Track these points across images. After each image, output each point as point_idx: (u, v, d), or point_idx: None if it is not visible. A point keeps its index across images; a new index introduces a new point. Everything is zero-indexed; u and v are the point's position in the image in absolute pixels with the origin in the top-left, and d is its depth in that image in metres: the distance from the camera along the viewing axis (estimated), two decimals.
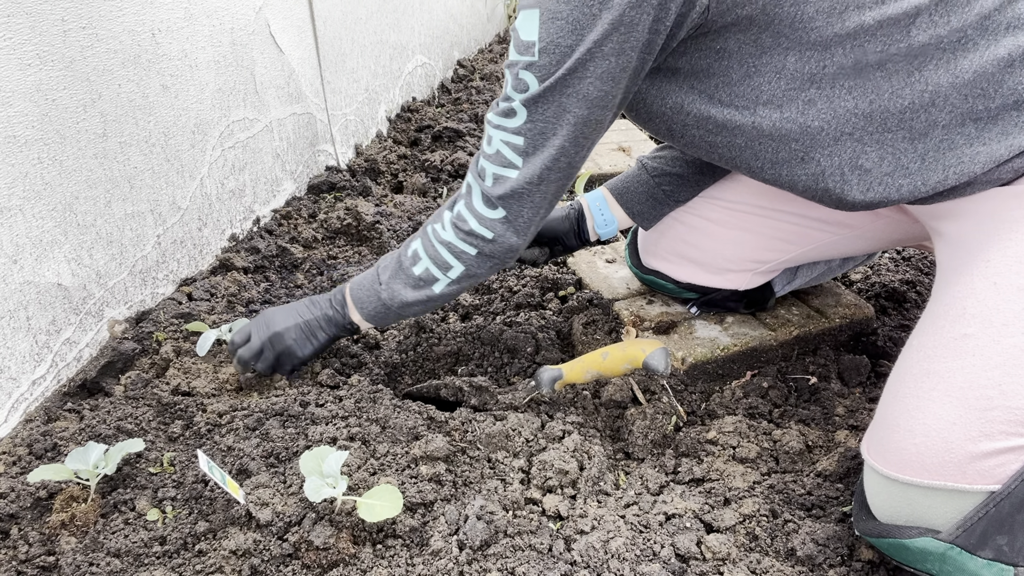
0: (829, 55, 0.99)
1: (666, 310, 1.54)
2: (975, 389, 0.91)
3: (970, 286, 0.98)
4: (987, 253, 0.99)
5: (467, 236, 1.19)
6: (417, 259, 1.25)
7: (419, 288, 1.26)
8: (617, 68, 1.02)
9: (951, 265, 1.06)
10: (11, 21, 1.20)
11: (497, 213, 1.16)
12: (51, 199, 1.32)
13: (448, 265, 1.22)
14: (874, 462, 0.97)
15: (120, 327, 1.51)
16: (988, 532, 0.87)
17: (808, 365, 1.46)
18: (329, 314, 1.37)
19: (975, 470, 0.88)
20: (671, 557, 1.02)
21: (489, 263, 1.22)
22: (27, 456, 1.20)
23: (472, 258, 1.20)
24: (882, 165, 1.05)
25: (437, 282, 1.24)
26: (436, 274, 1.23)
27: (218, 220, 1.83)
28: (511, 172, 1.12)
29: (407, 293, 1.26)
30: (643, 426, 1.28)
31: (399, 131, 2.84)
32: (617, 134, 2.78)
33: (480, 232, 1.18)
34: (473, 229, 1.18)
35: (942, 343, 0.97)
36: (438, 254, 1.22)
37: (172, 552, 1.05)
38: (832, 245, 1.40)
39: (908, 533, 0.92)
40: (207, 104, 1.75)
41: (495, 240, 1.18)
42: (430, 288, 1.25)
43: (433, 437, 1.18)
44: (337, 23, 2.39)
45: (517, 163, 1.11)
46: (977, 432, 0.89)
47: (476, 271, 1.22)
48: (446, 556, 1.01)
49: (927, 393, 0.94)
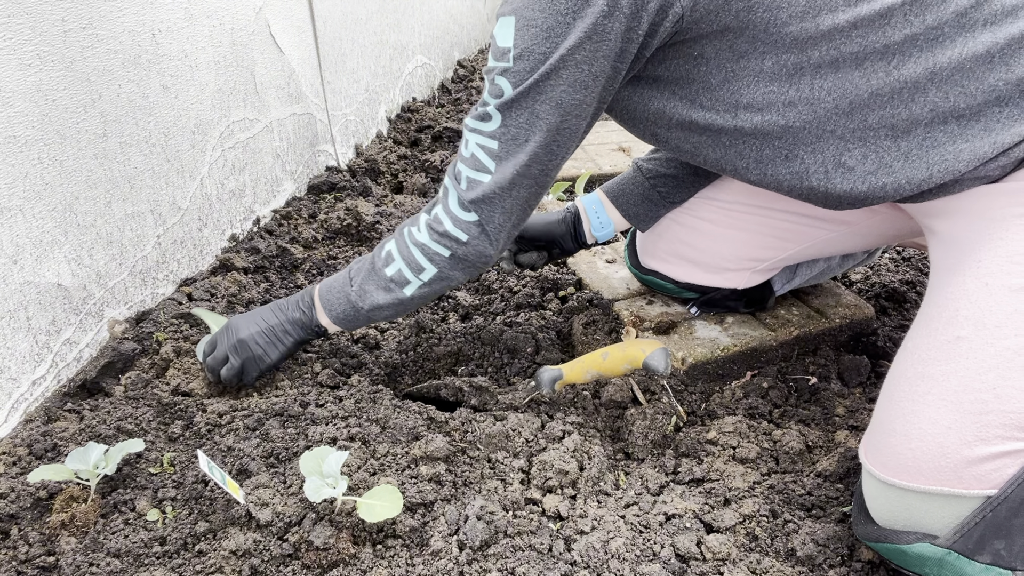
0: (806, 57, 1.00)
1: (666, 310, 1.54)
2: (970, 393, 0.90)
3: (962, 287, 0.98)
4: (978, 253, 0.99)
5: (441, 238, 1.18)
6: (390, 260, 1.24)
7: (390, 291, 1.25)
8: (590, 76, 1.03)
9: (944, 265, 1.06)
10: (11, 21, 1.20)
11: (471, 216, 1.15)
12: (51, 199, 1.32)
13: (421, 267, 1.21)
14: (871, 467, 0.97)
15: (120, 327, 1.51)
16: (985, 537, 0.87)
17: (808, 365, 1.46)
18: (295, 316, 1.36)
19: (971, 475, 0.88)
20: (671, 557, 1.02)
21: (461, 266, 1.21)
22: (27, 456, 1.20)
23: (445, 260, 1.20)
24: (865, 163, 1.05)
25: (408, 284, 1.23)
26: (408, 276, 1.23)
27: (218, 220, 1.84)
28: (484, 176, 1.12)
29: (378, 295, 1.26)
30: (643, 426, 1.28)
31: (399, 131, 2.84)
32: (617, 134, 2.78)
33: (454, 234, 1.17)
34: (448, 231, 1.17)
35: (936, 346, 0.97)
36: (412, 256, 1.21)
37: (172, 552, 1.05)
38: (829, 242, 1.40)
39: (906, 538, 0.92)
40: (207, 104, 1.75)
41: (468, 243, 1.17)
42: (401, 291, 1.24)
43: (433, 437, 1.18)
44: (337, 23, 2.39)
45: (490, 167, 1.11)
46: (973, 436, 0.89)
47: (448, 274, 1.22)
48: (446, 556, 1.01)
49: (922, 397, 0.94)
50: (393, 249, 1.24)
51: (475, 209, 1.14)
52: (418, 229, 1.22)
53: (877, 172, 1.05)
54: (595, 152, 2.61)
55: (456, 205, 1.16)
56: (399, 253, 1.23)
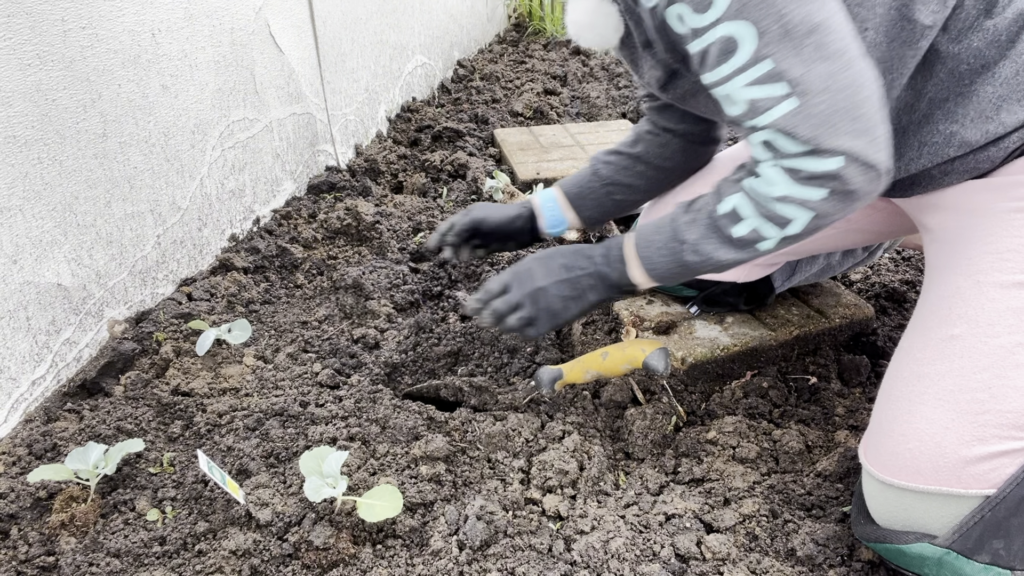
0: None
1: (666, 310, 1.54)
2: (966, 392, 0.90)
3: (955, 285, 0.98)
4: (969, 251, 1.00)
5: (809, 180, 0.95)
6: (738, 219, 1.04)
7: (743, 248, 1.06)
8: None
9: (937, 263, 1.06)
10: (11, 21, 1.20)
11: (833, 162, 0.92)
12: (51, 199, 1.32)
13: (786, 220, 1.00)
14: (870, 466, 0.97)
15: (120, 327, 1.51)
16: (984, 536, 0.87)
17: (808, 365, 1.46)
18: (604, 271, 1.19)
19: (969, 474, 0.88)
20: (671, 557, 1.02)
21: (848, 200, 0.96)
22: (27, 456, 1.20)
23: (821, 202, 0.96)
24: None
25: (766, 240, 1.04)
26: (768, 233, 1.03)
27: (218, 220, 1.83)
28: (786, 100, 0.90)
29: (723, 253, 1.07)
30: (643, 426, 1.28)
31: (399, 131, 2.84)
32: (617, 134, 2.79)
33: (824, 170, 0.93)
34: (814, 172, 0.93)
35: (930, 345, 0.97)
36: (773, 211, 1.00)
37: (172, 552, 1.05)
38: (829, 238, 1.40)
39: (905, 538, 0.92)
40: (207, 104, 1.75)
41: (845, 173, 0.92)
42: (754, 247, 1.06)
43: (433, 437, 1.18)
44: (337, 23, 2.39)
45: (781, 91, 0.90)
46: (970, 436, 0.89)
47: (832, 214, 0.99)
48: (446, 556, 1.01)
49: (918, 397, 0.94)
50: (743, 205, 1.03)
51: (820, 151, 0.92)
52: (769, 183, 0.99)
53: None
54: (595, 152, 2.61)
55: (807, 160, 0.94)
56: (753, 209, 1.02)
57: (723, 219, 1.06)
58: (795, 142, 0.92)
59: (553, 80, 3.56)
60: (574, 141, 2.72)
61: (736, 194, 1.05)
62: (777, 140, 0.94)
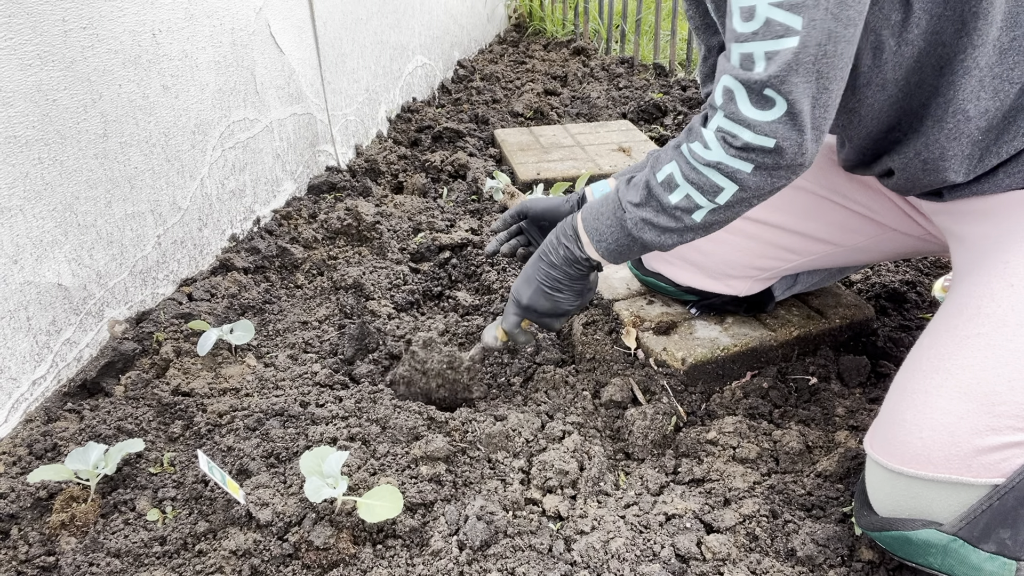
0: None
1: (666, 310, 1.54)
2: (984, 384, 0.91)
3: (987, 287, 0.98)
4: (1006, 255, 1.00)
5: (740, 152, 0.97)
6: (673, 185, 1.05)
7: (678, 218, 1.07)
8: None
9: (968, 267, 1.06)
10: (12, 21, 1.20)
11: (774, 111, 0.93)
12: (51, 199, 1.32)
13: (717, 188, 1.01)
14: (878, 456, 0.97)
15: (120, 327, 1.51)
16: (991, 525, 0.88)
17: (808, 365, 1.46)
18: (562, 254, 1.22)
19: (980, 464, 0.89)
20: (671, 557, 1.02)
21: (771, 178, 0.99)
22: (27, 456, 1.20)
23: (748, 176, 0.99)
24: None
25: (698, 210, 1.05)
26: (700, 201, 1.03)
27: (218, 220, 1.84)
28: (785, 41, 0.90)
29: (662, 221, 1.08)
30: (643, 426, 1.29)
31: (399, 131, 2.84)
32: (617, 135, 2.79)
33: (758, 143, 0.95)
34: (749, 142, 0.95)
35: (954, 341, 0.97)
36: (703, 178, 1.01)
37: (172, 552, 1.05)
38: (834, 256, 1.40)
39: (911, 525, 0.93)
40: (207, 104, 1.75)
41: (777, 150, 0.95)
42: (690, 217, 1.06)
43: (433, 437, 1.18)
44: (337, 24, 2.39)
45: (794, 24, 0.88)
46: (984, 426, 0.89)
47: (756, 190, 1.01)
48: (446, 556, 1.01)
49: (936, 389, 0.95)
50: (676, 172, 1.04)
51: (778, 90, 0.92)
52: (705, 146, 1.00)
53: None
54: (595, 152, 2.61)
55: (749, 104, 0.94)
56: (684, 177, 1.03)
57: (659, 187, 1.08)
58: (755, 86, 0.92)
59: (553, 80, 3.56)
60: (574, 141, 2.72)
61: (671, 162, 1.06)
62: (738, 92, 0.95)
